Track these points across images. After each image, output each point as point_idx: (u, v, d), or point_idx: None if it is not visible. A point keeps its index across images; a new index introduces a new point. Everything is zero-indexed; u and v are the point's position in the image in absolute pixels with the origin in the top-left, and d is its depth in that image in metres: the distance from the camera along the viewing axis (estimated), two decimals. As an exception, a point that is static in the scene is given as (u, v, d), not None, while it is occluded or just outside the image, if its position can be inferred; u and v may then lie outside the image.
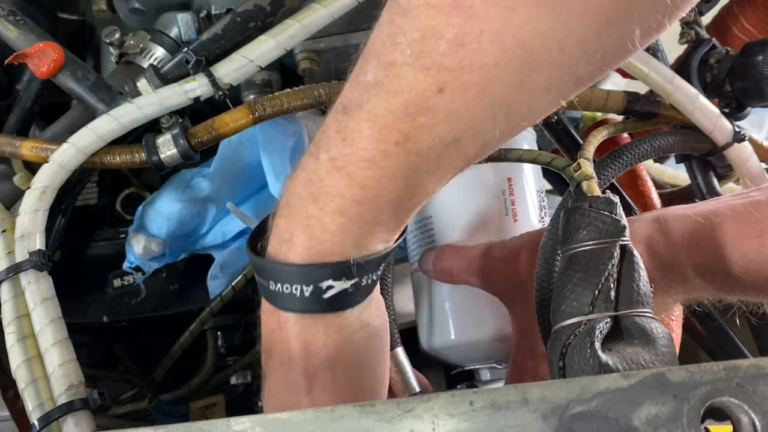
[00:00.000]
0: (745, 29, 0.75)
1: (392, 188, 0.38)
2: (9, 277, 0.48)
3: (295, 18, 0.54)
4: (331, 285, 0.39)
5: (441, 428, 0.28)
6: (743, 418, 0.28)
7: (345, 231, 0.39)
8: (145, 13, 0.64)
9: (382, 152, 0.36)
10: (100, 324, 0.67)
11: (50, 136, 0.59)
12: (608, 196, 0.42)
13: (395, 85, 0.35)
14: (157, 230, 0.65)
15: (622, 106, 0.59)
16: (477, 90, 0.35)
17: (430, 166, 0.37)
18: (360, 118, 0.37)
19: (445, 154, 0.37)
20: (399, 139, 0.36)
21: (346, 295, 0.40)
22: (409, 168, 0.37)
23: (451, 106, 0.35)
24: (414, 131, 0.36)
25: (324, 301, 0.40)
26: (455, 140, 0.36)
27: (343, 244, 0.39)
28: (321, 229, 0.39)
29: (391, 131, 0.36)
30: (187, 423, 0.30)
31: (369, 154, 0.37)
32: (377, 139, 0.36)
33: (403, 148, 0.36)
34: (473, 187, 0.60)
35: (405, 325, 0.67)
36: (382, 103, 0.36)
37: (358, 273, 0.40)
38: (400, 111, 0.35)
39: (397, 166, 0.37)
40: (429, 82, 0.34)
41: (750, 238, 0.45)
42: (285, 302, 0.41)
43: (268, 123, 0.55)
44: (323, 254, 0.39)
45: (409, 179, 0.37)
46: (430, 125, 0.36)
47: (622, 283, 0.40)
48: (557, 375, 0.38)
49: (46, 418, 0.43)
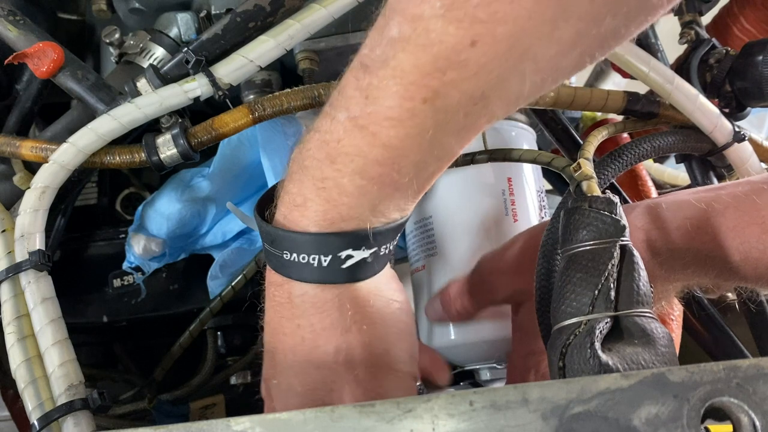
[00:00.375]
0: (745, 29, 0.75)
1: (417, 148, 0.36)
2: (9, 277, 0.48)
3: (295, 18, 0.54)
4: (351, 255, 0.38)
5: (441, 428, 0.28)
6: (743, 418, 0.28)
7: (363, 194, 0.37)
8: (145, 13, 0.64)
9: (409, 110, 0.35)
10: (100, 324, 0.67)
11: (50, 136, 0.59)
12: (608, 196, 0.42)
13: (424, 39, 0.34)
14: (157, 230, 0.65)
15: (622, 106, 0.59)
16: (509, 43, 0.33)
17: (457, 125, 0.36)
18: (385, 75, 0.35)
19: (473, 112, 0.35)
20: (427, 95, 0.34)
21: (365, 265, 0.39)
22: (436, 127, 0.35)
23: (483, 59, 0.33)
24: (443, 87, 0.34)
25: (343, 272, 0.38)
26: (483, 96, 0.35)
27: (360, 208, 0.38)
28: (338, 192, 0.37)
29: (419, 88, 0.34)
30: (187, 423, 0.30)
31: (395, 112, 0.35)
32: (403, 96, 0.35)
33: (431, 105, 0.35)
34: (473, 187, 0.60)
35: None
36: (409, 58, 0.34)
37: (376, 241, 0.38)
38: (429, 66, 0.34)
39: (423, 124, 0.35)
40: (461, 35, 0.33)
41: (751, 226, 0.45)
42: (301, 273, 0.39)
43: (268, 123, 0.55)
44: (338, 220, 0.38)
45: (434, 139, 0.36)
46: (460, 80, 0.34)
47: (622, 283, 0.40)
48: (557, 375, 0.38)
49: (46, 418, 0.43)
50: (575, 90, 0.58)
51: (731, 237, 0.45)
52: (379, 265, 0.40)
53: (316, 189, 0.38)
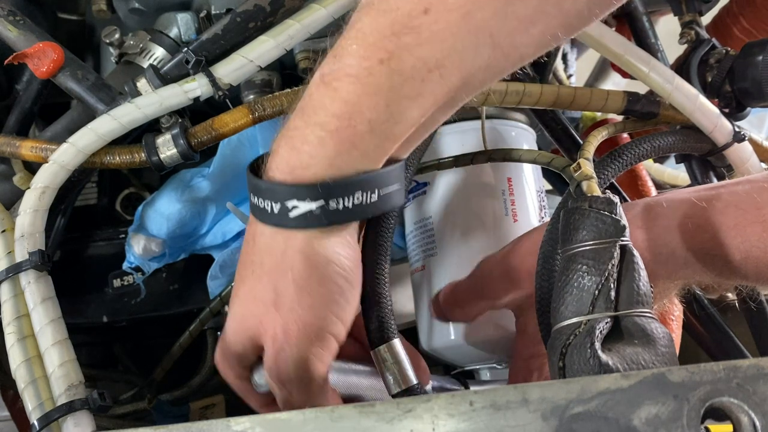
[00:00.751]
0: (745, 29, 0.75)
1: (372, 106, 0.38)
2: (9, 277, 0.48)
3: (294, 18, 0.54)
4: (296, 205, 0.40)
5: (441, 428, 0.28)
6: (743, 418, 0.28)
7: (322, 144, 0.39)
8: (145, 13, 0.64)
9: (366, 69, 0.38)
10: (99, 324, 0.67)
11: (50, 136, 0.59)
12: (608, 196, 0.42)
13: (384, 5, 0.37)
14: (157, 230, 0.65)
15: (622, 106, 0.59)
16: (461, 13, 0.36)
17: (413, 90, 0.38)
18: (350, 35, 0.38)
19: (428, 79, 0.38)
20: (383, 57, 0.37)
21: (311, 216, 0.41)
22: (391, 88, 0.38)
23: (435, 27, 0.36)
24: (398, 50, 0.37)
25: (290, 220, 0.41)
26: (438, 64, 0.37)
27: (317, 158, 0.40)
28: (301, 140, 0.40)
29: (376, 49, 0.37)
30: (187, 423, 0.30)
31: (354, 70, 0.38)
32: (362, 56, 0.38)
33: (387, 66, 0.37)
34: (473, 187, 0.60)
35: (405, 325, 0.67)
36: (371, 21, 0.37)
37: (324, 194, 0.40)
38: (386, 29, 0.37)
39: (378, 84, 0.38)
40: (415, 2, 0.36)
41: (752, 224, 0.45)
42: (261, 215, 0.42)
43: (268, 123, 0.55)
44: (298, 167, 0.40)
45: (390, 100, 0.38)
46: (414, 45, 0.37)
47: (623, 283, 0.40)
48: (557, 375, 0.38)
49: (46, 419, 0.43)
50: (575, 90, 0.58)
51: (732, 235, 0.45)
52: (329, 219, 0.41)
53: (286, 137, 0.41)
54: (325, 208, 0.41)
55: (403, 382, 0.46)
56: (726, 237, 0.45)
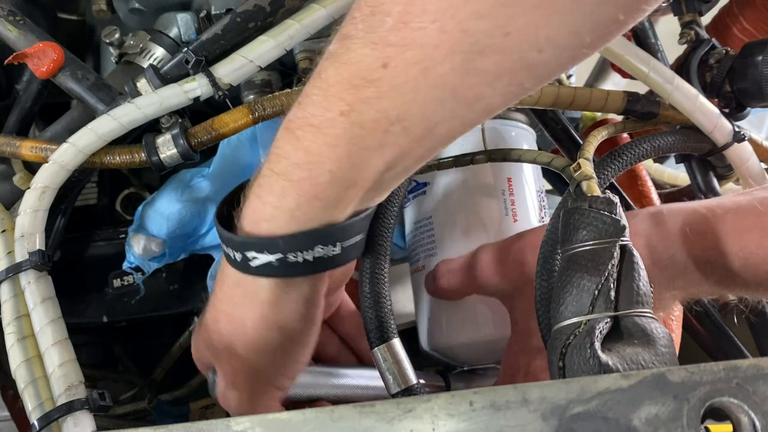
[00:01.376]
0: (745, 29, 0.75)
1: (333, 157, 0.38)
2: (9, 277, 0.48)
3: (294, 18, 0.54)
4: (256, 256, 0.41)
5: (441, 428, 0.28)
6: (743, 418, 0.28)
7: (284, 194, 0.39)
8: (145, 13, 0.64)
9: (328, 120, 0.37)
10: (99, 324, 0.67)
11: (50, 136, 0.59)
12: (608, 195, 0.42)
13: (345, 57, 0.36)
14: (157, 230, 0.65)
15: (622, 106, 0.59)
16: (420, 68, 0.35)
17: (375, 141, 0.38)
18: (314, 84, 0.38)
19: (391, 131, 0.37)
20: (344, 109, 0.37)
21: (271, 267, 0.41)
22: (352, 139, 0.37)
23: (395, 81, 0.36)
24: (358, 103, 0.37)
25: (252, 268, 0.41)
26: (399, 118, 0.37)
27: (279, 210, 0.40)
28: (267, 190, 0.40)
29: (337, 100, 0.37)
30: (187, 423, 0.30)
31: (316, 120, 0.38)
32: (325, 106, 0.37)
33: (348, 118, 0.37)
34: (473, 187, 0.60)
35: (405, 325, 0.67)
36: (333, 72, 0.37)
37: (284, 247, 0.40)
38: (346, 82, 0.37)
39: (339, 135, 0.37)
40: (375, 56, 0.35)
41: (752, 231, 0.45)
42: (227, 258, 0.43)
43: (268, 123, 0.55)
44: (261, 219, 0.40)
45: (351, 151, 0.38)
46: (374, 99, 0.36)
47: (622, 283, 0.40)
48: (557, 375, 0.38)
49: (46, 419, 0.43)
50: (575, 90, 0.58)
51: (731, 242, 0.45)
52: (288, 272, 0.42)
53: (256, 185, 0.41)
54: (284, 261, 0.40)
55: (402, 382, 0.46)
56: (725, 243, 0.45)
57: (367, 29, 0.36)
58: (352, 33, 0.36)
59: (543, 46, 0.34)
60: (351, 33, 0.36)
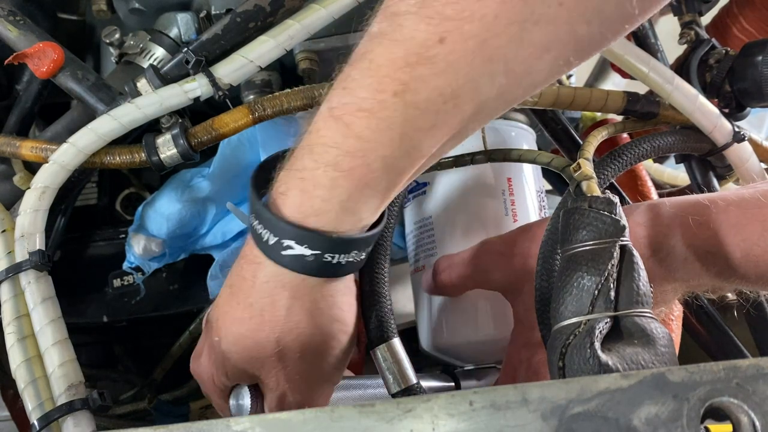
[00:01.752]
0: (745, 29, 0.75)
1: (387, 141, 0.37)
2: (9, 277, 0.48)
3: (294, 18, 0.54)
4: (291, 246, 0.40)
5: (441, 428, 0.28)
6: (743, 418, 0.28)
7: (335, 186, 0.38)
8: (145, 14, 0.64)
9: (380, 102, 0.36)
10: (100, 324, 0.67)
11: (50, 137, 0.59)
12: (608, 196, 0.42)
13: (398, 34, 0.35)
14: (157, 230, 0.65)
15: (622, 106, 0.59)
16: (477, 41, 0.35)
17: (427, 122, 0.37)
18: (362, 67, 0.37)
19: (443, 110, 0.37)
20: (398, 89, 0.36)
21: (303, 261, 0.40)
22: (406, 121, 0.37)
23: (451, 57, 0.35)
24: (413, 81, 0.36)
25: (282, 257, 0.40)
26: (453, 95, 0.36)
27: (331, 203, 0.39)
28: (313, 183, 0.39)
29: (390, 80, 0.36)
30: (186, 423, 0.30)
31: (367, 103, 0.37)
32: (376, 88, 0.36)
33: (402, 99, 0.36)
34: (473, 187, 0.60)
35: (405, 325, 0.67)
36: (384, 51, 0.36)
37: (326, 246, 0.40)
38: (400, 60, 0.35)
39: (393, 117, 0.36)
40: (431, 31, 0.35)
41: (754, 223, 0.45)
42: (256, 239, 0.41)
43: (268, 123, 0.55)
44: (311, 213, 0.39)
45: (404, 134, 0.37)
46: (429, 76, 0.35)
47: (622, 283, 0.40)
48: (557, 375, 0.38)
49: (46, 418, 0.43)
50: (575, 90, 0.58)
51: (733, 234, 0.45)
52: (326, 272, 0.41)
53: (296, 179, 0.40)
54: (319, 258, 0.40)
55: (402, 382, 0.46)
56: (726, 235, 0.45)
57: (420, 4, 0.35)
58: (402, 9, 0.35)
59: (591, 17, 0.35)
60: (402, 9, 0.35)
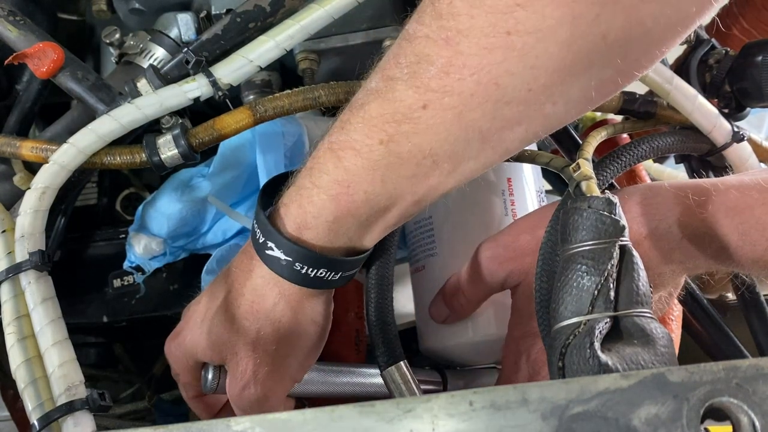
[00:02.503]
0: (745, 30, 0.75)
1: (370, 179, 0.43)
2: (9, 277, 0.48)
3: (294, 18, 0.54)
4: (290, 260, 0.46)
5: (441, 428, 0.28)
6: (743, 418, 0.28)
7: (324, 207, 0.44)
8: (145, 14, 0.64)
9: (368, 146, 0.42)
10: (100, 324, 0.67)
11: (50, 137, 0.59)
12: (607, 196, 0.42)
13: (390, 95, 0.41)
14: (158, 230, 0.65)
15: (619, 105, 0.59)
16: (455, 112, 0.40)
17: (407, 171, 0.42)
18: (358, 114, 0.43)
19: (422, 164, 0.42)
20: (384, 138, 0.42)
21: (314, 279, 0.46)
22: (388, 166, 0.42)
23: (431, 121, 0.41)
24: (397, 135, 0.41)
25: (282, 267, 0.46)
26: (432, 153, 0.42)
27: (319, 220, 0.45)
28: (308, 201, 0.45)
29: (379, 131, 0.42)
30: (186, 423, 0.30)
31: (357, 144, 0.43)
32: (366, 134, 0.42)
33: (386, 147, 0.42)
34: (473, 187, 0.60)
35: (405, 325, 0.67)
36: (377, 107, 0.42)
37: (326, 265, 0.46)
38: (389, 116, 0.41)
39: (378, 160, 0.42)
40: (417, 97, 0.40)
41: (752, 207, 0.46)
42: (268, 259, 0.47)
43: (268, 124, 0.55)
44: (303, 227, 0.45)
45: (386, 176, 0.43)
46: (412, 133, 0.41)
47: (622, 283, 0.40)
48: (557, 375, 0.38)
49: (46, 418, 0.43)
50: (574, 90, 0.58)
51: (731, 216, 0.46)
52: (323, 284, 0.47)
53: (296, 194, 0.46)
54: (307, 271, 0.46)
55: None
56: (724, 216, 0.46)
57: (411, 74, 0.41)
58: (397, 75, 0.41)
59: (557, 99, 0.40)
60: (396, 75, 0.41)
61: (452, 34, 0.39)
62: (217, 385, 0.49)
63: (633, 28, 0.37)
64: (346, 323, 0.63)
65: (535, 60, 0.38)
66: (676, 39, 0.40)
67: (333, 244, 0.46)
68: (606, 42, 0.38)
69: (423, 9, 0.41)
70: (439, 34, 0.39)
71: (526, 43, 0.38)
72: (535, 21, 0.37)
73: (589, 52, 0.38)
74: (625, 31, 0.37)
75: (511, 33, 0.37)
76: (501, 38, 0.38)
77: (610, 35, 0.37)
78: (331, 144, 0.44)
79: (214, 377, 0.49)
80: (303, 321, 0.48)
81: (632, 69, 0.41)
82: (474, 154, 0.42)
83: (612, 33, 0.37)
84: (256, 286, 0.48)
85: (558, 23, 0.37)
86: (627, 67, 0.40)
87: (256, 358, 0.48)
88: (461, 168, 0.43)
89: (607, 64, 0.39)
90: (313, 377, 0.53)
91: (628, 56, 0.39)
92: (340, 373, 0.55)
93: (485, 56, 0.38)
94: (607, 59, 0.39)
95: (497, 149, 0.43)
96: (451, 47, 0.39)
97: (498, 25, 0.38)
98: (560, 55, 0.38)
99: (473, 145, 0.42)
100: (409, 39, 0.41)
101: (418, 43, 0.40)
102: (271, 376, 0.48)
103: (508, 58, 0.38)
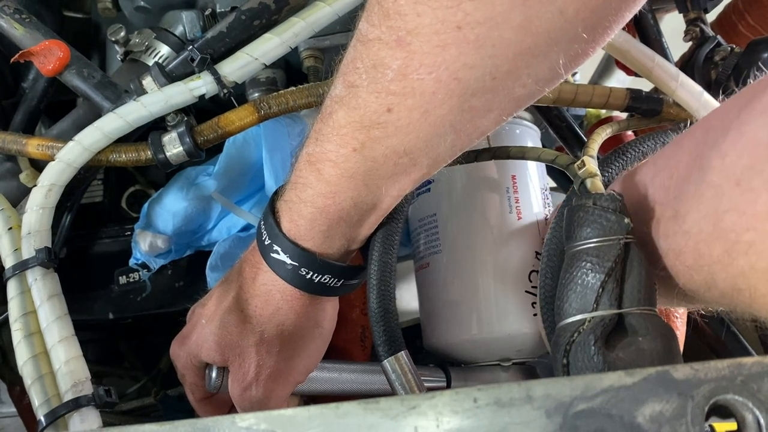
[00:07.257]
0: (751, 26, 0.75)
1: (353, 186, 0.43)
2: (16, 274, 0.48)
3: (299, 16, 0.54)
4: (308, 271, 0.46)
5: (445, 425, 0.28)
6: (747, 416, 0.28)
7: (314, 219, 0.45)
8: (151, 12, 0.64)
9: (343, 155, 0.42)
10: (105, 321, 0.67)
11: (56, 134, 0.59)
12: (612, 193, 0.42)
13: (354, 102, 0.41)
14: (164, 227, 0.65)
15: (625, 103, 0.59)
16: (420, 112, 0.39)
17: (387, 172, 0.42)
18: (328, 124, 0.43)
19: (400, 163, 0.42)
20: (356, 146, 0.42)
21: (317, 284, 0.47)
22: (367, 171, 0.42)
23: (399, 123, 0.40)
24: (369, 141, 0.41)
25: (287, 271, 0.47)
26: (407, 152, 0.41)
27: (313, 232, 0.45)
28: (297, 214, 0.46)
29: (350, 139, 0.42)
30: (192, 419, 0.30)
31: (333, 155, 0.43)
32: (339, 144, 0.42)
33: (360, 154, 0.42)
34: (477, 184, 0.60)
35: (409, 322, 0.67)
36: (344, 115, 0.42)
37: (326, 270, 0.47)
38: (357, 123, 0.41)
39: (355, 168, 0.42)
40: (379, 102, 0.40)
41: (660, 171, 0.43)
42: (273, 262, 0.47)
43: (274, 122, 0.56)
44: (299, 237, 0.46)
45: (367, 181, 0.43)
46: (382, 137, 0.41)
47: (626, 280, 0.40)
48: (561, 372, 0.38)
49: (52, 415, 0.43)
50: (577, 87, 0.58)
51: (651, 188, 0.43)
52: (326, 291, 0.48)
53: (286, 208, 0.46)
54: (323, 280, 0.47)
55: (410, 392, 0.47)
56: (648, 188, 0.43)
57: (370, 80, 0.40)
58: (357, 82, 0.40)
59: (525, 81, 0.39)
60: (356, 82, 0.41)
61: (402, 34, 0.37)
62: (221, 384, 0.50)
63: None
64: (352, 320, 0.63)
65: (492, 49, 0.37)
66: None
67: (331, 248, 0.46)
68: (565, 17, 0.36)
69: (371, 8, 0.39)
70: (389, 36, 0.38)
71: (479, 34, 0.36)
72: (485, 10, 0.36)
73: (549, 31, 0.36)
74: (583, 2, 0.36)
75: (462, 27, 0.36)
76: (452, 34, 0.36)
77: (568, 10, 0.36)
78: (309, 156, 0.44)
79: (218, 376, 0.50)
80: (307, 325, 0.49)
81: (600, 37, 0.39)
82: (449, 144, 0.42)
83: (570, 7, 0.35)
84: (260, 290, 0.48)
85: (509, 8, 0.35)
86: (594, 37, 0.38)
87: (258, 359, 0.48)
88: (440, 158, 0.43)
89: (572, 39, 0.37)
90: (318, 375, 0.54)
91: (593, 26, 0.37)
92: (345, 370, 0.56)
93: (440, 54, 0.37)
94: (570, 34, 0.37)
95: (472, 135, 0.43)
96: (404, 48, 0.38)
97: (447, 20, 0.36)
98: (518, 39, 0.36)
99: (447, 137, 0.41)
100: (363, 41, 0.40)
101: (371, 46, 0.39)
102: (273, 378, 0.49)
103: (464, 52, 0.37)
